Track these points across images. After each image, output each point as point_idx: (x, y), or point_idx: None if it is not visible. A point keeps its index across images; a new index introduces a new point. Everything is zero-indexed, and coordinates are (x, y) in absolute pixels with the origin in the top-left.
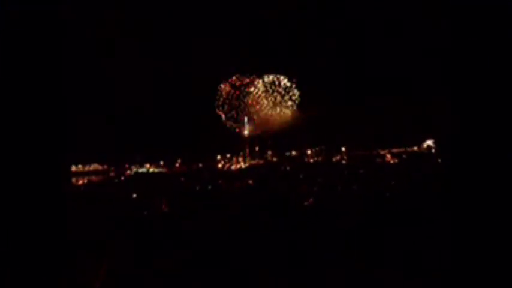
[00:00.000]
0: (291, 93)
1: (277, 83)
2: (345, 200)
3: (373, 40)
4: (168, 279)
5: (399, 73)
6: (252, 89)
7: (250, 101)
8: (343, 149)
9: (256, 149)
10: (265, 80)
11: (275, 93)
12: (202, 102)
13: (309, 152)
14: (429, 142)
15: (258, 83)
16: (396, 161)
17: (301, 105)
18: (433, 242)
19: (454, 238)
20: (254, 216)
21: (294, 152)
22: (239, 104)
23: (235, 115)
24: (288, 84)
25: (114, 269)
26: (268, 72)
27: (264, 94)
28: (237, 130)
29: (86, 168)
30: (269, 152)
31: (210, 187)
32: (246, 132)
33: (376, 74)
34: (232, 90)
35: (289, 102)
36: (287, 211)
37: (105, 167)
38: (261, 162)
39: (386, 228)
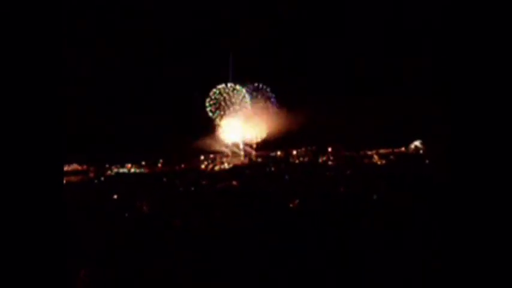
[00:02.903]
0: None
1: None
2: (330, 202)
3: (361, 41)
4: (148, 280)
5: (387, 74)
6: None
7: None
8: (329, 149)
9: (241, 148)
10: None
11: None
12: (186, 102)
13: (294, 152)
14: (417, 143)
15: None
16: (384, 162)
17: (288, 106)
18: (422, 242)
19: (443, 238)
20: (237, 219)
21: (279, 153)
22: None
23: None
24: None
25: (94, 270)
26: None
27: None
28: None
29: (65, 169)
30: (253, 153)
31: (193, 188)
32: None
33: (363, 75)
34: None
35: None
36: (272, 213)
37: (85, 167)
38: (245, 162)
39: (373, 229)
